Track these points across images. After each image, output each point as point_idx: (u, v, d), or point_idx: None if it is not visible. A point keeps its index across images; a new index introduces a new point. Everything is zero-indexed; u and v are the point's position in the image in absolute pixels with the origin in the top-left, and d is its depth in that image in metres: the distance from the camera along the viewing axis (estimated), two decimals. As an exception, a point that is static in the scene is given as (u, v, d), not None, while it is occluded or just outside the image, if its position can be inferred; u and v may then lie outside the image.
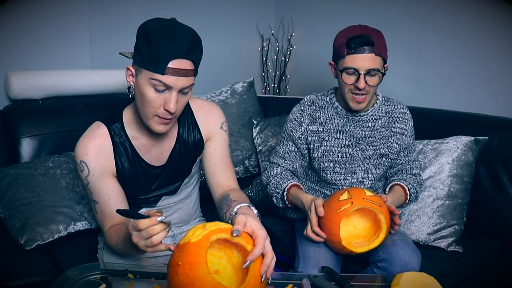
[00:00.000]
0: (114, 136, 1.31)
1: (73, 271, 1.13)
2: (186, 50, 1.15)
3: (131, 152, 1.33)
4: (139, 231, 1.02)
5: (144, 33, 1.16)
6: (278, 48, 2.95)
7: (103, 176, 1.28)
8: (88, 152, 1.27)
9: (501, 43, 2.03)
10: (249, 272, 0.96)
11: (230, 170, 1.43)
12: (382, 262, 1.45)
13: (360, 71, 1.49)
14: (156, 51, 1.13)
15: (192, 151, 1.42)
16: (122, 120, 1.33)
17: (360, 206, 1.43)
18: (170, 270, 0.93)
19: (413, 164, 1.73)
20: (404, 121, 1.68)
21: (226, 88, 2.47)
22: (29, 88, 2.02)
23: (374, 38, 1.48)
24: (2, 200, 1.72)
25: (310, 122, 1.67)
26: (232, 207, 1.19)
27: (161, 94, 1.18)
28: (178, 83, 1.16)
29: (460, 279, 1.61)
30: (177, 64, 1.14)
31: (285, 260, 1.71)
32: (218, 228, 0.97)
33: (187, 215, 1.51)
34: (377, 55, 1.49)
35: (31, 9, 2.09)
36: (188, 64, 1.16)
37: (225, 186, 1.39)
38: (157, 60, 1.14)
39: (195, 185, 1.53)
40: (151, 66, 1.15)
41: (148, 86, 1.17)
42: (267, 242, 1.00)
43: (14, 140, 1.92)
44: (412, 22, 2.30)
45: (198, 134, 1.41)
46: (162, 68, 1.14)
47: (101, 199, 1.29)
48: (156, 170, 1.38)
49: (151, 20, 1.20)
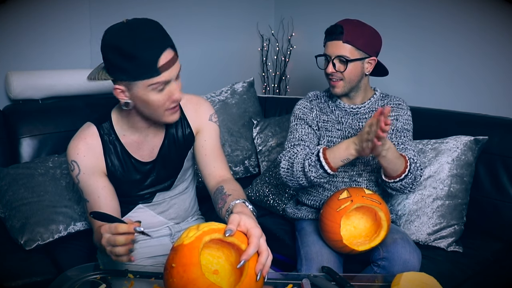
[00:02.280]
0: (103, 135, 1.34)
1: (73, 271, 1.13)
2: (161, 41, 1.17)
3: (120, 150, 1.35)
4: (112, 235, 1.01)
5: (116, 50, 1.14)
6: (278, 48, 2.95)
7: (93, 174, 1.30)
8: (79, 152, 1.30)
9: (501, 43, 2.03)
10: (244, 271, 0.95)
11: (222, 159, 1.43)
12: (382, 261, 1.45)
13: (331, 57, 1.60)
14: (140, 60, 1.14)
15: (183, 145, 1.43)
16: (111, 119, 1.36)
17: (359, 204, 1.43)
18: (166, 272, 0.93)
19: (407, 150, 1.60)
20: (398, 110, 1.68)
21: (226, 88, 2.47)
22: (29, 88, 2.02)
23: (347, 27, 1.57)
24: (2, 200, 1.72)
25: (319, 110, 1.72)
26: (228, 202, 1.19)
27: (163, 91, 1.20)
28: (172, 73, 1.19)
29: (460, 279, 1.61)
30: (165, 59, 1.17)
31: (285, 260, 1.71)
32: (211, 229, 0.97)
33: (183, 210, 1.52)
34: (344, 43, 1.57)
35: (31, 9, 2.09)
36: (171, 52, 1.19)
37: (217, 176, 1.39)
38: (148, 66, 1.15)
39: (190, 181, 1.54)
40: (144, 75, 1.16)
41: (149, 92, 1.19)
42: (262, 240, 0.99)
43: (14, 140, 1.92)
44: (412, 22, 2.30)
45: (187, 128, 1.43)
46: (156, 71, 1.16)
47: (91, 198, 1.30)
48: (147, 166, 1.39)
49: (106, 34, 1.18)
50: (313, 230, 1.63)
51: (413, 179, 1.54)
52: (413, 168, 1.53)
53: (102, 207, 1.29)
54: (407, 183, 1.54)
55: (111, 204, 1.31)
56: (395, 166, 1.49)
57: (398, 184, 1.54)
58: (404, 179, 1.52)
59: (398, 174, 1.51)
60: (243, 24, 2.89)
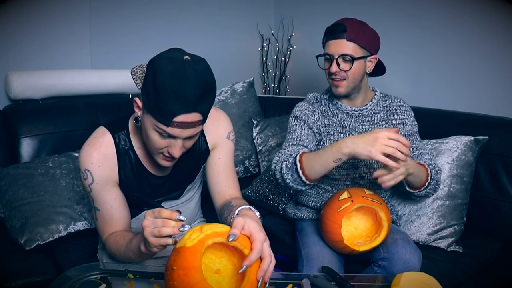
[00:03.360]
0: (119, 145, 1.30)
1: (73, 271, 1.13)
2: (194, 103, 1.08)
3: (135, 161, 1.32)
4: (155, 218, 1.02)
5: (153, 75, 1.09)
6: (278, 48, 2.95)
7: (106, 185, 1.28)
8: (93, 161, 1.26)
9: (501, 43, 2.03)
10: (245, 276, 0.94)
11: (233, 179, 1.41)
12: (382, 261, 1.45)
13: (334, 56, 1.58)
14: (162, 103, 1.08)
15: (198, 160, 1.41)
16: (128, 129, 1.32)
17: (360, 204, 1.43)
18: (166, 274, 0.93)
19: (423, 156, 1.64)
20: (403, 112, 1.69)
21: (226, 88, 2.47)
22: (29, 88, 2.02)
23: (348, 26, 1.56)
24: (2, 200, 1.72)
25: (320, 114, 1.69)
26: (234, 211, 1.18)
27: (165, 139, 1.16)
28: (184, 134, 1.14)
29: (460, 279, 1.61)
30: (183, 118, 1.10)
31: (285, 260, 1.71)
32: (214, 232, 0.95)
33: (188, 218, 1.51)
34: (348, 41, 1.55)
35: (31, 9, 2.09)
36: (196, 116, 1.11)
37: (227, 195, 1.37)
38: (163, 112, 1.09)
39: (197, 189, 1.52)
40: (156, 115, 1.10)
41: (153, 131, 1.15)
42: (266, 245, 0.96)
43: (14, 140, 1.92)
44: (412, 22, 2.30)
45: (204, 144, 1.39)
46: (168, 121, 1.10)
47: (103, 207, 1.29)
48: (160, 180, 1.37)
49: (163, 58, 1.11)
50: (313, 231, 1.63)
51: (436, 184, 1.61)
52: (434, 174, 1.59)
53: (114, 217, 1.28)
54: (431, 189, 1.61)
55: (123, 213, 1.30)
56: (418, 177, 1.53)
57: (423, 192, 1.60)
58: (428, 186, 1.58)
59: (422, 184, 1.56)
60: (243, 24, 2.89)
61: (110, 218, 1.28)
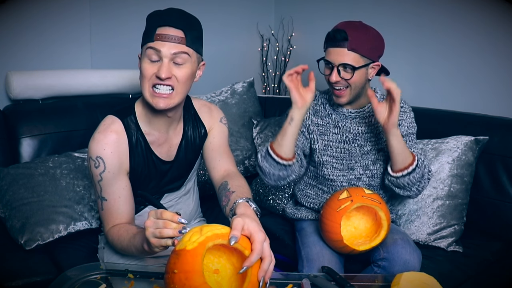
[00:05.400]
0: (129, 130, 1.31)
1: (73, 271, 1.13)
2: (174, 19, 1.23)
3: (144, 146, 1.34)
4: (157, 219, 1.02)
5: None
6: (278, 48, 2.95)
7: (118, 173, 1.28)
8: (106, 147, 1.26)
9: (502, 43, 2.03)
10: (246, 278, 0.94)
11: (228, 155, 1.46)
12: (382, 261, 1.45)
13: (334, 64, 1.54)
14: (149, 25, 1.24)
15: (198, 146, 1.46)
16: (135, 113, 1.34)
17: (360, 204, 1.43)
18: (167, 277, 0.93)
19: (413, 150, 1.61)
20: (401, 114, 1.64)
21: (226, 88, 2.47)
22: (29, 88, 2.02)
23: (351, 34, 1.50)
24: (2, 200, 1.72)
25: (313, 113, 1.69)
26: (232, 200, 1.20)
27: (154, 64, 1.23)
28: (167, 48, 1.21)
29: (460, 279, 1.61)
30: (164, 31, 1.22)
31: (285, 260, 1.71)
32: (214, 234, 0.95)
33: (188, 215, 1.51)
34: (349, 50, 1.51)
35: (31, 9, 2.09)
36: (177, 31, 1.23)
37: (222, 169, 1.41)
38: (148, 31, 1.24)
39: (193, 180, 1.55)
40: (145, 38, 1.24)
41: (144, 59, 1.24)
42: (266, 245, 0.97)
43: (14, 140, 1.92)
44: (413, 22, 2.30)
45: (202, 128, 1.46)
46: (151, 36, 1.22)
47: (111, 197, 1.28)
48: (166, 166, 1.39)
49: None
50: (313, 231, 1.63)
51: (421, 176, 1.53)
52: (421, 163, 1.52)
53: (120, 208, 1.28)
54: (414, 178, 1.51)
55: (129, 205, 1.31)
56: (403, 154, 1.49)
57: (406, 178, 1.51)
58: (412, 172, 1.50)
59: (405, 166, 1.50)
60: (243, 24, 2.89)
61: (116, 210, 1.28)
